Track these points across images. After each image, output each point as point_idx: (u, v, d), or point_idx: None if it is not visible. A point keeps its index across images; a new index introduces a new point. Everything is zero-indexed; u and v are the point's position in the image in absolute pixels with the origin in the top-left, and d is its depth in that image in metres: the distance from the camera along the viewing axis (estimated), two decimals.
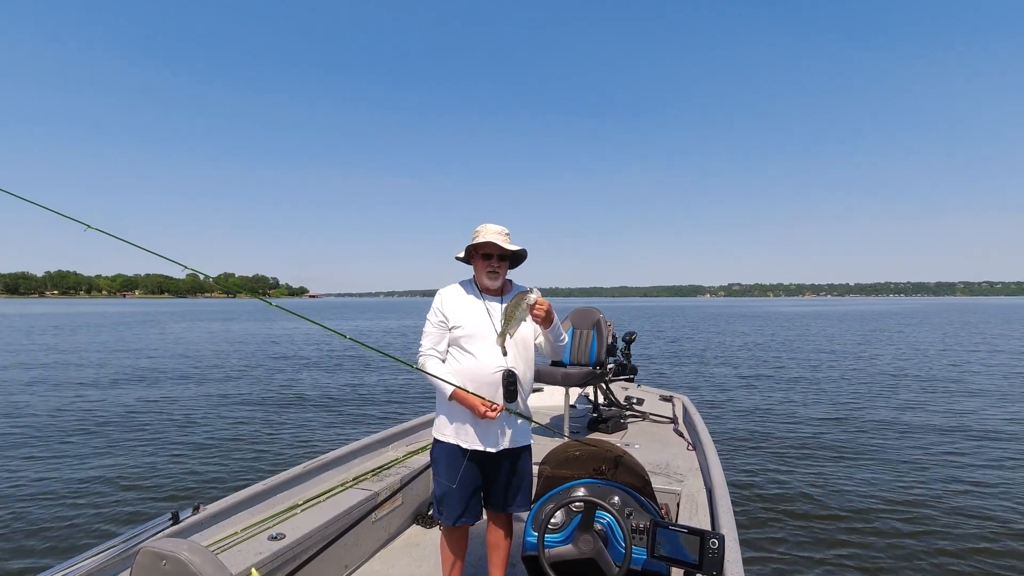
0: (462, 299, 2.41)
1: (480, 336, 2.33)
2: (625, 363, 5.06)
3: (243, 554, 2.35)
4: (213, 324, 39.73)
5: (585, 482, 2.31)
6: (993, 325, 35.79)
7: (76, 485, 5.79)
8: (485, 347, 2.33)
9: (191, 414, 9.39)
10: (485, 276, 2.41)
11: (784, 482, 5.69)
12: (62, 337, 26.93)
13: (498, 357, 2.32)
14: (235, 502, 2.71)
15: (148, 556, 1.36)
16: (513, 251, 2.42)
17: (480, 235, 2.38)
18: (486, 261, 2.40)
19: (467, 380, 2.31)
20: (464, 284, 2.50)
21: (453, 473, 2.35)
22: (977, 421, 8.30)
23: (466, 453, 2.35)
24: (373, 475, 3.32)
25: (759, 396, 10.69)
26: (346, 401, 10.73)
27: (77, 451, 7.07)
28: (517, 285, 2.53)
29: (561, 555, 2.09)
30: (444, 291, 2.46)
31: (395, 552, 3.13)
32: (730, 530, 2.25)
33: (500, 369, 2.32)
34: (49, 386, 12.31)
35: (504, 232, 2.41)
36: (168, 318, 49.38)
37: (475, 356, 2.32)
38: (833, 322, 39.74)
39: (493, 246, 2.35)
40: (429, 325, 2.40)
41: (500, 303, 2.42)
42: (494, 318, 2.37)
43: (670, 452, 3.87)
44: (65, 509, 5.16)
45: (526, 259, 2.54)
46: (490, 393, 2.30)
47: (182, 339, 26.63)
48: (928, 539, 4.42)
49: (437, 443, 2.44)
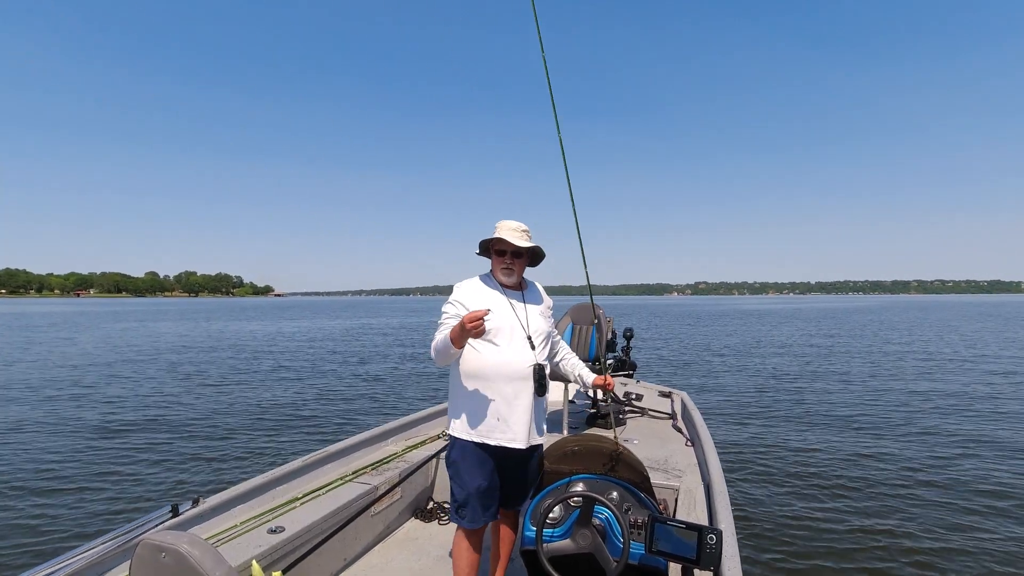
0: (484, 292, 2.36)
1: (508, 329, 2.27)
2: (624, 359, 5.05)
3: (243, 547, 2.32)
4: (201, 323, 38.90)
5: (584, 477, 2.31)
6: (970, 322, 36.29)
7: (75, 478, 5.77)
8: (514, 341, 2.27)
9: (191, 407, 9.35)
10: (500, 272, 2.37)
11: (782, 478, 5.74)
12: (54, 332, 26.38)
13: (528, 351, 2.27)
14: (235, 495, 2.68)
15: (148, 548, 1.35)
16: (527, 248, 2.35)
17: (497, 231, 2.36)
18: (501, 257, 2.36)
19: (496, 374, 2.23)
20: (483, 278, 2.45)
21: (480, 474, 2.25)
22: (982, 423, 8.19)
23: (492, 451, 2.26)
24: (372, 469, 3.31)
25: (757, 393, 10.78)
26: (345, 395, 10.71)
27: (76, 445, 7.04)
28: (531, 282, 2.53)
29: (559, 550, 2.09)
30: (464, 284, 2.41)
31: (394, 545, 3.12)
32: (728, 525, 2.27)
33: (532, 363, 2.26)
34: (48, 381, 12.20)
35: (521, 229, 2.36)
36: (142, 316, 47.86)
37: (504, 349, 2.25)
38: (813, 320, 40.36)
39: (507, 243, 2.31)
40: (445, 316, 2.31)
41: (521, 300, 2.39)
42: (519, 313, 2.33)
43: (669, 448, 3.87)
44: (64, 502, 5.13)
45: (544, 257, 2.48)
46: (520, 388, 2.24)
47: (178, 335, 26.26)
48: (928, 535, 4.42)
49: (458, 442, 2.30)
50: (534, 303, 2.44)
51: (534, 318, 2.37)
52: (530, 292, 2.48)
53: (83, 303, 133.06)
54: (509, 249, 2.33)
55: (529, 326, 2.32)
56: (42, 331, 29.08)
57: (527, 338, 2.29)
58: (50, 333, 27.60)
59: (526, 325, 2.32)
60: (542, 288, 2.57)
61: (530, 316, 2.36)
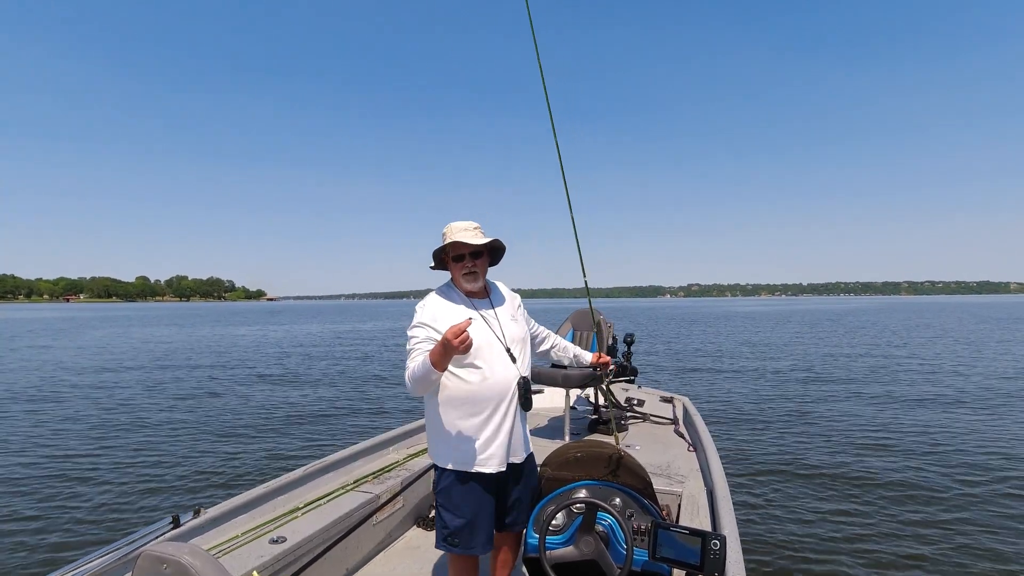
0: (450, 309, 2.14)
1: (486, 347, 2.09)
2: (625, 364, 5.06)
3: (244, 557, 2.31)
4: (195, 329, 38.60)
5: (586, 484, 2.28)
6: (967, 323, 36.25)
7: (76, 489, 5.73)
8: (494, 358, 2.10)
9: (190, 418, 9.29)
10: (463, 279, 2.17)
11: (786, 482, 5.72)
12: (56, 339, 26.33)
13: (509, 367, 2.12)
14: (236, 505, 2.66)
15: (149, 560, 1.34)
16: (485, 245, 2.17)
17: (447, 236, 2.15)
18: (459, 263, 2.16)
19: (481, 398, 2.09)
20: (444, 291, 2.23)
21: (469, 503, 2.12)
22: (992, 427, 8.07)
23: (485, 478, 2.13)
24: (374, 478, 3.29)
25: (759, 397, 10.75)
26: (346, 404, 10.64)
27: (76, 455, 7.00)
28: (492, 283, 2.35)
29: (562, 557, 2.07)
30: (426, 303, 2.18)
31: (396, 554, 3.10)
32: (731, 531, 2.25)
33: (516, 379, 2.12)
34: (44, 389, 12.16)
35: (472, 227, 2.16)
36: (138, 322, 47.46)
37: (485, 371, 2.08)
38: (810, 322, 40.26)
39: (462, 245, 2.12)
40: (416, 342, 2.06)
41: (490, 306, 2.22)
42: (491, 324, 2.15)
43: (671, 453, 3.86)
44: (65, 513, 5.11)
45: (505, 251, 2.27)
46: (507, 408, 2.12)
47: (173, 341, 26.11)
48: (935, 538, 4.41)
49: (444, 473, 2.15)
50: (502, 306, 2.27)
51: (507, 325, 2.20)
52: (495, 295, 2.30)
53: (72, 308, 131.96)
54: (467, 251, 2.14)
55: (505, 336, 2.16)
56: (42, 336, 28.79)
57: (506, 351, 2.13)
58: (58, 339, 27.34)
59: (502, 336, 2.15)
60: (504, 287, 2.38)
61: (503, 324, 2.20)
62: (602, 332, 4.58)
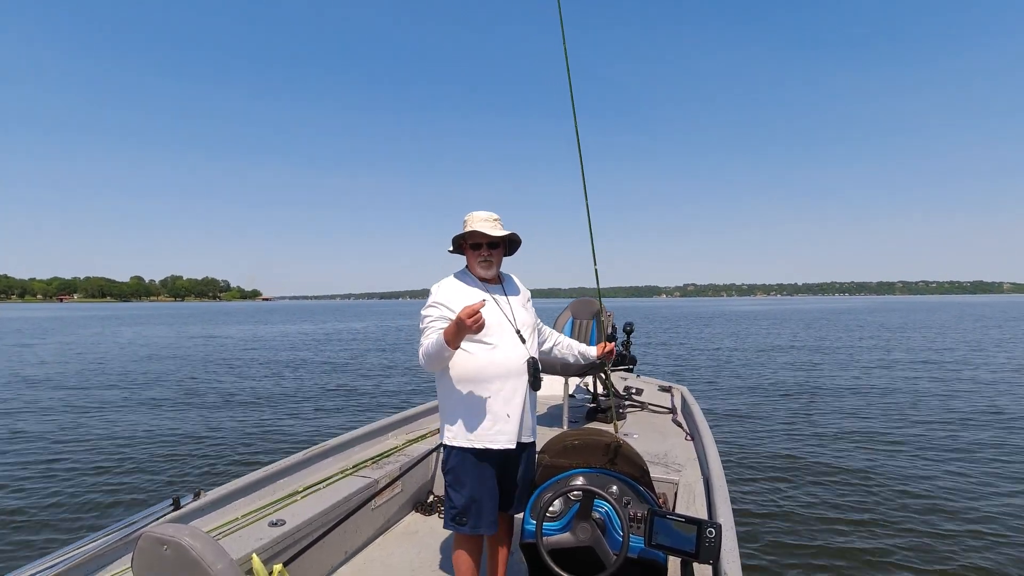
0: (464, 291, 2.26)
1: (496, 326, 2.19)
2: (624, 353, 5.05)
3: (244, 540, 2.32)
4: (190, 326, 38.72)
5: (583, 471, 2.30)
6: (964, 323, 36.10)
7: (77, 471, 5.80)
8: (505, 337, 2.20)
9: (192, 402, 9.38)
10: (479, 266, 2.28)
11: (782, 472, 5.77)
12: (55, 336, 26.49)
13: (519, 346, 2.22)
14: (236, 488, 2.69)
15: (149, 541, 1.37)
16: (503, 237, 2.28)
17: (467, 224, 2.28)
18: (476, 251, 2.28)
19: (492, 374, 2.17)
20: (460, 275, 2.35)
21: (479, 480, 2.18)
22: (984, 421, 8.11)
23: (493, 455, 2.19)
24: (373, 463, 3.31)
25: (757, 389, 10.85)
26: (346, 390, 10.73)
27: (78, 438, 7.08)
28: (506, 274, 2.45)
29: (559, 543, 2.09)
30: (442, 284, 2.30)
31: (394, 539, 3.12)
32: (727, 519, 2.27)
33: (525, 358, 2.22)
34: (52, 376, 12.38)
35: (492, 218, 2.29)
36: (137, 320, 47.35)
37: (496, 348, 2.18)
38: (807, 322, 40.42)
39: (481, 235, 2.23)
40: (429, 320, 2.19)
41: (503, 292, 2.33)
42: (503, 307, 2.26)
43: (668, 442, 3.88)
44: (66, 495, 5.17)
45: (521, 244, 2.41)
46: (516, 385, 2.19)
47: (172, 336, 26.43)
48: (929, 527, 4.44)
49: (454, 451, 2.21)
50: (515, 295, 2.38)
51: (519, 311, 2.32)
52: (508, 284, 2.42)
53: (66, 308, 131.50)
54: (485, 241, 2.25)
55: (516, 319, 2.27)
56: (41, 334, 28.71)
57: (516, 332, 2.24)
58: (75, 335, 27.24)
59: (513, 319, 2.26)
60: (518, 279, 2.51)
61: (515, 309, 2.31)
62: (601, 320, 4.60)
